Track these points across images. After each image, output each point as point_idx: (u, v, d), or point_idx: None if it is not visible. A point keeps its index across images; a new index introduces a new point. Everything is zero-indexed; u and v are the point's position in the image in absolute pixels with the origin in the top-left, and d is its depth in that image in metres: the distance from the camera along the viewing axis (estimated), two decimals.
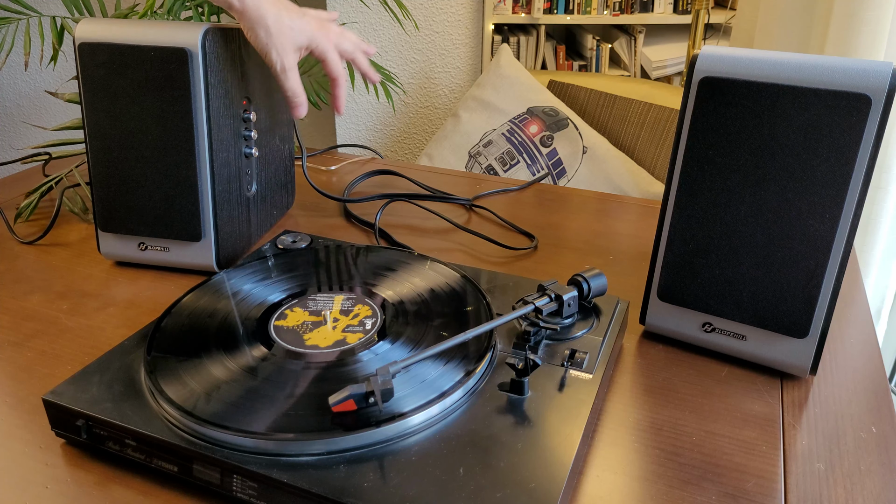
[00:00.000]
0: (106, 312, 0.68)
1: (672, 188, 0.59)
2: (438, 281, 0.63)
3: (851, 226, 0.53)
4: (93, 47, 0.67)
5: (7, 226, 0.84)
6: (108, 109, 0.69)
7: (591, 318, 0.59)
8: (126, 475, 0.48)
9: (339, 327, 0.56)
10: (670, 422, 0.54)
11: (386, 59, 2.18)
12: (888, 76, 0.49)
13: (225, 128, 0.71)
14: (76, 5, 1.24)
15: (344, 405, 0.46)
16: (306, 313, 0.58)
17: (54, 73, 2.21)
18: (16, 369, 0.59)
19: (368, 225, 0.86)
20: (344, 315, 0.58)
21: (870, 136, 0.50)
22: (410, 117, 2.26)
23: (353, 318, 0.58)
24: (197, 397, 0.48)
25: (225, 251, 0.74)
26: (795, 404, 0.56)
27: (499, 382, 0.51)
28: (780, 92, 0.52)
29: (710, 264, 0.58)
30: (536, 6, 2.15)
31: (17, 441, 0.51)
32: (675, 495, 0.47)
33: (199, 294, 0.61)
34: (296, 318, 0.57)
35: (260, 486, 0.43)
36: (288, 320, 0.57)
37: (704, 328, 0.60)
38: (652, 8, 2.21)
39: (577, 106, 1.80)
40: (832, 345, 0.64)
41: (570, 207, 0.93)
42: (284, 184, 0.87)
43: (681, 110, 0.57)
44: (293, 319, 0.57)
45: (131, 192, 0.71)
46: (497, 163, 1.68)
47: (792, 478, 0.49)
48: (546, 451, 0.45)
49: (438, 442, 0.45)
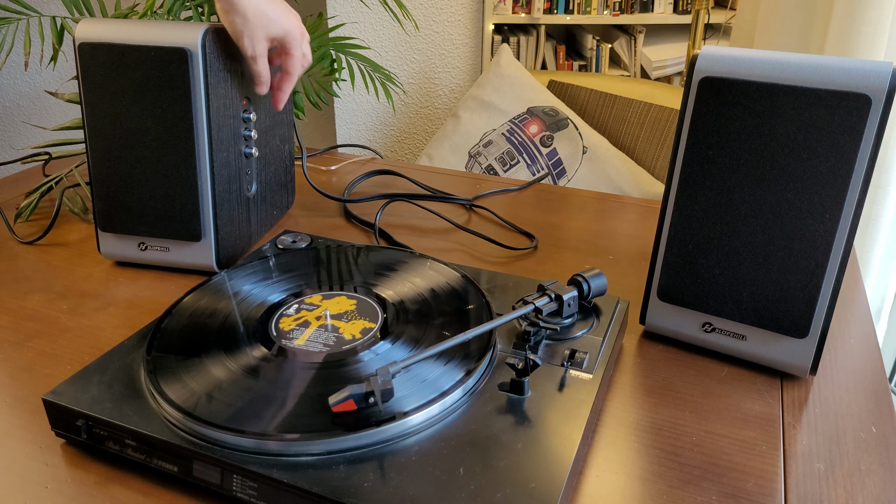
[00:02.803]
0: (106, 312, 0.67)
1: (672, 188, 0.59)
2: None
3: (851, 226, 0.53)
4: (93, 47, 0.67)
5: (7, 226, 0.84)
6: (108, 109, 0.69)
7: (591, 318, 0.59)
8: (126, 475, 0.48)
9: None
10: (670, 422, 0.54)
11: (386, 59, 2.17)
12: (888, 76, 0.49)
13: (225, 128, 0.71)
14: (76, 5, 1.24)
15: (344, 405, 0.46)
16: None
17: (54, 73, 2.20)
18: (16, 369, 0.59)
19: (368, 225, 0.86)
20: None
21: (870, 136, 0.50)
22: (410, 117, 2.26)
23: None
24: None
25: (225, 251, 0.74)
26: (795, 404, 0.56)
27: (499, 382, 0.51)
28: (780, 92, 0.52)
29: (710, 264, 0.58)
30: (536, 6, 2.15)
31: (17, 441, 0.51)
32: (675, 495, 0.47)
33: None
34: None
35: (260, 486, 0.43)
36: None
37: (704, 328, 0.60)
38: (652, 8, 2.21)
39: (577, 106, 1.80)
40: (832, 345, 0.64)
41: (570, 207, 0.93)
42: (284, 184, 0.87)
43: (681, 110, 0.57)
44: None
45: (131, 192, 0.71)
46: (497, 163, 1.68)
47: (792, 478, 0.49)
48: (546, 451, 0.45)
49: (438, 442, 0.45)
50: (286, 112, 0.85)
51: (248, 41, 0.68)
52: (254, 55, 0.69)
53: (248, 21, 0.67)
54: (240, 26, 0.67)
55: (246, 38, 0.68)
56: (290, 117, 0.87)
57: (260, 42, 0.69)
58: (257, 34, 0.68)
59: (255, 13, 0.67)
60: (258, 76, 0.72)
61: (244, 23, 0.67)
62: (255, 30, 0.68)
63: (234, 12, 0.67)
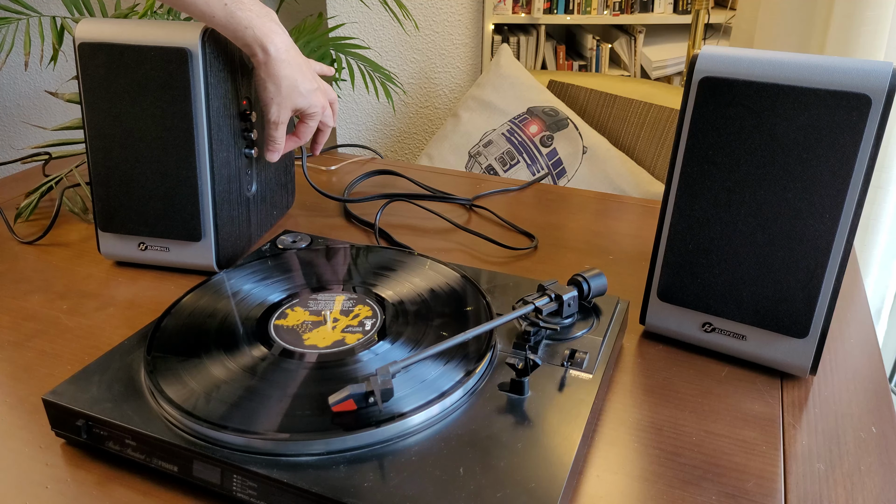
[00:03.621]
0: (106, 312, 0.67)
1: (672, 188, 0.59)
2: (438, 281, 0.63)
3: (851, 226, 0.53)
4: (93, 47, 0.67)
5: (7, 226, 0.84)
6: (108, 109, 0.69)
7: (591, 318, 0.59)
8: (126, 475, 0.48)
9: (339, 327, 0.56)
10: (670, 422, 0.54)
11: (386, 59, 2.18)
12: (888, 76, 0.49)
13: (225, 128, 0.71)
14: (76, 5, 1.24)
15: (344, 405, 0.46)
16: (306, 313, 0.58)
17: (54, 73, 2.20)
18: (16, 369, 0.59)
19: (368, 225, 0.86)
20: (344, 315, 0.58)
21: (870, 136, 0.50)
22: (410, 117, 2.26)
23: (353, 318, 0.58)
24: (197, 397, 0.48)
25: (225, 251, 0.74)
26: (795, 404, 0.56)
27: (499, 382, 0.51)
28: (780, 92, 0.52)
29: (710, 264, 0.58)
30: (536, 6, 2.15)
31: (17, 441, 0.51)
32: (675, 495, 0.47)
33: (200, 294, 0.61)
34: (296, 317, 0.57)
35: (260, 486, 0.43)
36: (288, 320, 0.57)
37: (704, 328, 0.60)
38: (652, 8, 2.21)
39: (577, 106, 1.80)
40: (832, 345, 0.64)
41: (570, 207, 0.93)
42: (284, 184, 0.87)
43: (681, 110, 0.57)
44: (293, 319, 0.57)
45: (131, 192, 0.71)
46: (497, 163, 1.68)
47: (792, 478, 0.49)
48: (546, 451, 0.45)
49: (438, 442, 0.45)
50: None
51: (275, 110, 0.71)
52: (276, 122, 0.72)
53: (282, 93, 0.70)
54: (272, 95, 0.70)
55: (275, 108, 0.71)
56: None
57: (285, 111, 0.72)
58: (285, 104, 0.71)
59: (288, 86, 0.70)
60: (273, 142, 0.74)
61: (277, 94, 0.70)
62: (284, 100, 0.71)
63: (270, 80, 0.69)
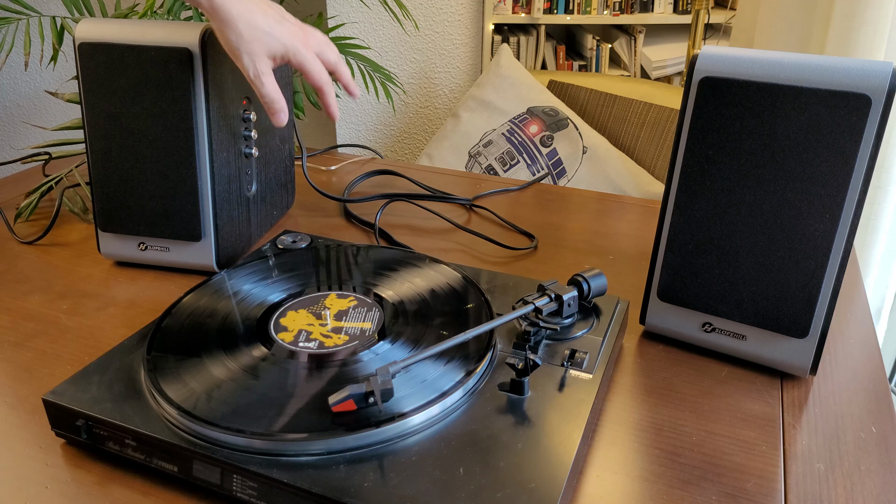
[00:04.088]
0: (106, 312, 0.67)
1: (672, 188, 0.59)
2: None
3: (851, 226, 0.53)
4: (93, 47, 0.67)
5: (7, 226, 0.84)
6: (108, 109, 0.69)
7: (591, 318, 0.59)
8: (126, 475, 0.48)
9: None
10: (670, 422, 0.54)
11: (386, 59, 2.17)
12: (888, 76, 0.49)
13: (225, 127, 0.71)
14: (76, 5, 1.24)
15: (344, 405, 0.46)
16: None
17: (54, 73, 2.20)
18: (16, 369, 0.59)
19: (368, 225, 0.86)
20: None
21: (870, 136, 0.50)
22: (410, 117, 2.26)
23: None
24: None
25: (225, 251, 0.74)
26: (795, 404, 0.56)
27: (499, 382, 0.51)
28: (780, 92, 0.52)
29: (710, 264, 0.58)
30: (536, 6, 2.15)
31: (17, 441, 0.51)
32: (675, 495, 0.47)
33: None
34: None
35: (260, 486, 0.43)
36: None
37: (704, 328, 0.60)
38: (652, 8, 2.21)
39: (577, 106, 1.80)
40: (832, 345, 0.64)
41: (570, 207, 0.93)
42: (284, 184, 0.87)
43: (681, 110, 0.57)
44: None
45: (131, 192, 0.71)
46: (497, 163, 1.68)
47: (792, 478, 0.49)
48: (546, 451, 0.45)
49: (438, 442, 0.45)
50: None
51: (246, 59, 0.62)
52: (256, 73, 0.63)
53: (243, 37, 0.61)
54: (234, 43, 0.61)
55: (245, 57, 0.62)
56: (290, 118, 0.87)
57: (261, 59, 0.63)
58: (257, 51, 0.62)
59: (249, 28, 0.61)
60: (271, 101, 0.65)
61: (239, 40, 0.61)
62: (252, 45, 0.62)
63: (228, 28, 0.61)
